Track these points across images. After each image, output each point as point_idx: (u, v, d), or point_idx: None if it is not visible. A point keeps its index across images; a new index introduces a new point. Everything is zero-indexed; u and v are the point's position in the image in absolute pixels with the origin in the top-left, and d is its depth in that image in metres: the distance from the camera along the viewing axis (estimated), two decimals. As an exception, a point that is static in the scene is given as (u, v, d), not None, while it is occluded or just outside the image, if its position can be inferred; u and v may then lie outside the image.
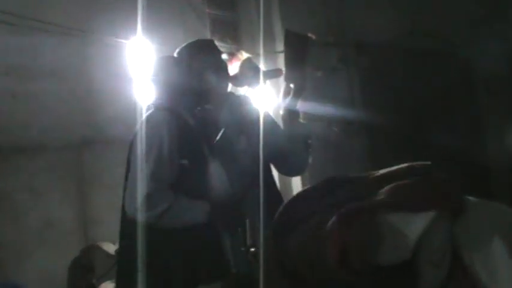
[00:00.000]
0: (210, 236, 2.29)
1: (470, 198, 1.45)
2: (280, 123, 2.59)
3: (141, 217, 2.20)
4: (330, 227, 1.33)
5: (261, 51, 4.61)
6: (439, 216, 1.33)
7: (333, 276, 1.33)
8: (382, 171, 1.53)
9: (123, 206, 2.33)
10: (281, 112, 2.54)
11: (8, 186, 4.13)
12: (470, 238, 1.35)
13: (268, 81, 2.57)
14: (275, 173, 2.73)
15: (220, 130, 2.41)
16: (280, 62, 4.55)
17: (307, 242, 1.39)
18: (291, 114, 2.49)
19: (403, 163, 1.55)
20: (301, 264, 1.40)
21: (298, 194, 1.60)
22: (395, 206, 1.36)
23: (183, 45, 2.60)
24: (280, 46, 4.66)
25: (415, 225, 1.32)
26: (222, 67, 2.56)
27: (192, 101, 2.48)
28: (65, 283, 3.94)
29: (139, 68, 3.89)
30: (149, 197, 2.21)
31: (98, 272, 3.85)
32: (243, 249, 2.12)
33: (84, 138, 4.37)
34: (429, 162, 1.51)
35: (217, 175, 2.36)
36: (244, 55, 2.72)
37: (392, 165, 1.54)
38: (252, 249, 2.13)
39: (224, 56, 2.64)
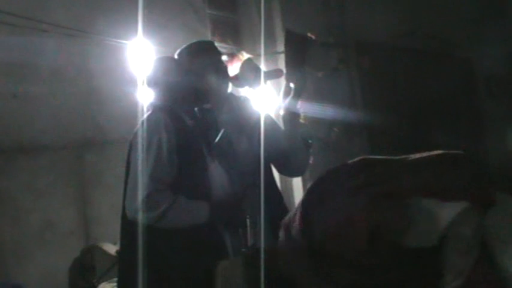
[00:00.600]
0: (211, 236, 2.29)
1: (502, 193, 1.46)
2: (281, 123, 2.59)
3: (141, 218, 2.20)
4: (359, 207, 1.34)
5: (262, 51, 4.61)
6: (470, 207, 1.34)
7: (359, 256, 1.34)
8: (414, 156, 1.52)
9: (123, 207, 2.33)
10: (281, 112, 2.54)
11: (8, 186, 4.14)
12: (500, 231, 1.36)
13: (268, 82, 2.57)
14: (276, 173, 2.73)
15: (219, 130, 2.41)
16: (281, 63, 4.56)
17: (336, 220, 1.39)
18: (291, 115, 2.49)
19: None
20: (329, 243, 1.39)
21: (328, 172, 1.58)
22: (428, 191, 1.37)
23: (183, 46, 2.61)
24: (281, 47, 4.66)
25: (445, 212, 1.33)
26: (222, 68, 2.56)
27: (190, 102, 2.48)
28: (65, 283, 3.95)
29: (140, 68, 3.89)
30: (149, 198, 2.21)
31: (98, 272, 3.85)
32: (243, 249, 2.12)
33: (85, 139, 4.37)
34: (461, 152, 1.51)
35: (216, 175, 2.36)
36: (245, 56, 2.73)
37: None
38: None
39: (224, 57, 2.64)
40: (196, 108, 2.48)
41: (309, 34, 2.48)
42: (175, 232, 2.26)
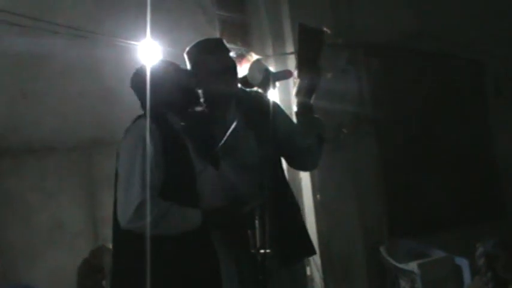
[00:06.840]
0: (202, 243, 2.28)
1: None
2: (293, 118, 2.58)
3: (134, 227, 2.19)
4: None
5: (271, 52, 4.62)
6: None
7: None
8: None
9: (114, 217, 2.30)
10: (294, 107, 2.53)
11: (18, 186, 4.15)
12: None
13: (277, 83, 2.56)
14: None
15: (222, 131, 2.41)
16: (290, 64, 4.57)
17: None
18: (304, 110, 2.48)
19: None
20: None
21: None
22: None
23: (192, 44, 2.61)
24: (290, 47, 4.67)
25: None
26: (231, 66, 2.56)
27: (182, 104, 2.45)
28: (74, 284, 3.95)
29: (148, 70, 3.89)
30: (140, 206, 2.17)
31: (107, 273, 3.85)
32: (252, 250, 2.11)
33: (94, 139, 4.37)
34: None
35: (209, 181, 2.35)
36: (253, 57, 2.73)
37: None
38: (262, 251, 2.13)
39: (233, 55, 2.63)
40: (187, 110, 2.46)
41: (324, 28, 2.46)
42: (168, 240, 2.24)
